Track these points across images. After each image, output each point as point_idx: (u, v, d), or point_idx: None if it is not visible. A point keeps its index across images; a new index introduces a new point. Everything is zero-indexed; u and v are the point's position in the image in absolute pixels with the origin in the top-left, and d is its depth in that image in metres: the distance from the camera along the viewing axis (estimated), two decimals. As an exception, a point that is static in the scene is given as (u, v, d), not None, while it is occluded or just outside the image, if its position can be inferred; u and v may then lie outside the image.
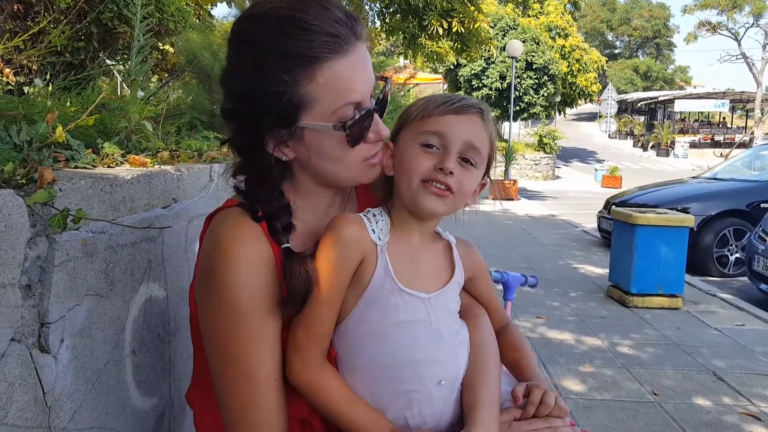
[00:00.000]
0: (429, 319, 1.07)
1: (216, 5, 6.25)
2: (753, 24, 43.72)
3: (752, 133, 34.24)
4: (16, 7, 2.48)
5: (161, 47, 3.71)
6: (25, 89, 2.09)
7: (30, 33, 2.06)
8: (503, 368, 1.22)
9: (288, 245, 1.04)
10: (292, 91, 0.99)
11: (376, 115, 1.08)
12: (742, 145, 27.31)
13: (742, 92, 40.74)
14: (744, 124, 41.83)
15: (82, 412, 1.08)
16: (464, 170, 1.06)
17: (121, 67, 2.87)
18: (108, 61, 2.94)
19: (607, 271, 6.12)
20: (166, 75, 4.04)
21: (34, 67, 2.29)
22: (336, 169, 1.08)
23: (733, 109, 42.79)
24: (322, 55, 0.99)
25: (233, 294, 1.01)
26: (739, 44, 44.77)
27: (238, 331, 1.02)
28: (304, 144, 1.05)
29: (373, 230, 1.07)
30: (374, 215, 1.09)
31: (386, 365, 1.05)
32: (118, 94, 2.53)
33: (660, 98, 42.37)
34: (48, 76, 2.32)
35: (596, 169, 24.19)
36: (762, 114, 37.26)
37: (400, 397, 1.05)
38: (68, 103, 1.64)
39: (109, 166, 1.38)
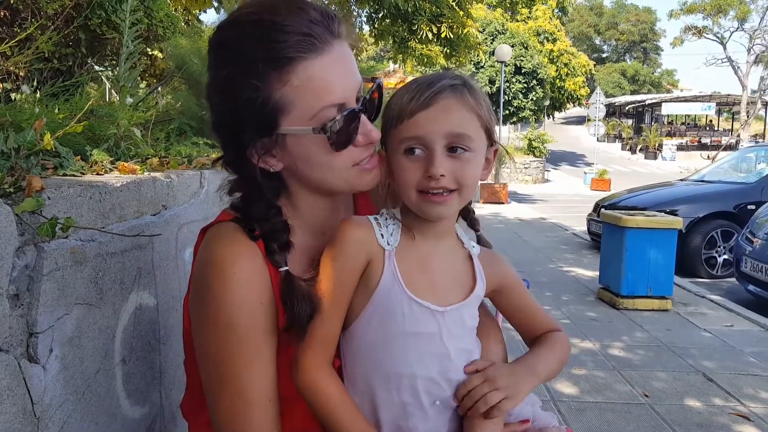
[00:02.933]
0: (440, 334, 1.03)
1: (205, 11, 6.24)
2: (738, 28, 44.35)
3: (738, 136, 34.67)
4: (2, 13, 2.46)
5: (150, 53, 3.69)
6: (13, 96, 2.07)
7: (17, 39, 2.05)
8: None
9: (286, 268, 1.01)
10: (265, 95, 0.95)
11: (363, 117, 1.02)
12: (729, 147, 27.64)
13: (728, 95, 41.19)
14: (730, 127, 42.34)
15: (71, 422, 1.07)
16: (458, 161, 0.98)
17: (110, 73, 2.85)
18: (96, 67, 2.92)
19: (598, 273, 6.15)
20: (155, 81, 4.02)
21: (21, 73, 2.28)
22: (325, 175, 1.03)
23: (719, 112, 43.28)
24: (294, 54, 0.94)
25: (228, 314, 0.99)
26: (725, 48, 45.43)
27: (232, 351, 0.99)
28: (289, 152, 1.01)
29: (381, 234, 1.03)
30: (385, 219, 1.05)
31: (387, 374, 1.03)
32: (107, 100, 2.52)
33: (647, 101, 42.72)
34: (35, 83, 2.30)
35: (585, 172, 24.37)
36: (748, 116, 37.75)
37: (397, 407, 1.04)
38: (56, 110, 1.63)
39: (98, 174, 1.37)
